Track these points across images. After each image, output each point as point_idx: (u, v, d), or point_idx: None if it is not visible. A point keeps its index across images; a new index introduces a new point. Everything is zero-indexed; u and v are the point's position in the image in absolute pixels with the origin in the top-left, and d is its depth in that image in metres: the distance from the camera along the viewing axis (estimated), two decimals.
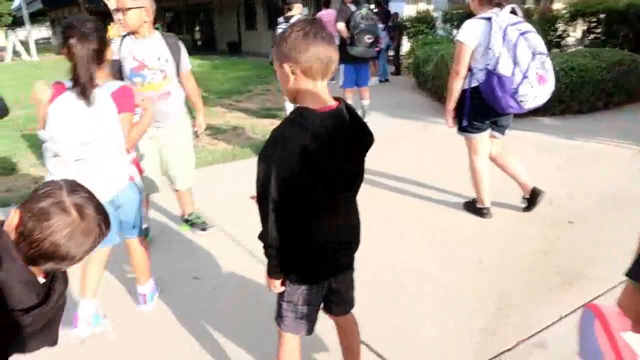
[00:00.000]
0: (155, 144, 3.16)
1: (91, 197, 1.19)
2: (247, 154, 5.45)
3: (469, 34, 3.16)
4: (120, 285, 2.89)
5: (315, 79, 1.45)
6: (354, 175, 1.60)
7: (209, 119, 3.68)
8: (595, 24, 9.38)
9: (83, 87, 2.13)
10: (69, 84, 2.17)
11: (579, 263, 2.91)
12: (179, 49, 3.14)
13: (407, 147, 5.55)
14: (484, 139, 3.46)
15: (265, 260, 1.60)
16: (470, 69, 3.24)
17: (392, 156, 5.14)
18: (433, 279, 2.83)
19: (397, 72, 11.45)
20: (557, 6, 10.63)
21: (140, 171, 2.57)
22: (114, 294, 2.81)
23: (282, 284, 1.65)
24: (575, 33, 9.88)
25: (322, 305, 1.78)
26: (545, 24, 9.58)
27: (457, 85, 3.30)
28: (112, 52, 2.58)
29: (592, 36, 9.45)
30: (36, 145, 6.14)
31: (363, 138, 1.57)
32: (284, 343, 1.75)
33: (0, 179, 4.86)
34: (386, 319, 2.49)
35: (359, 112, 6.95)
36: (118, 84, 2.29)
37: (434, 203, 3.90)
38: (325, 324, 1.92)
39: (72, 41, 2.10)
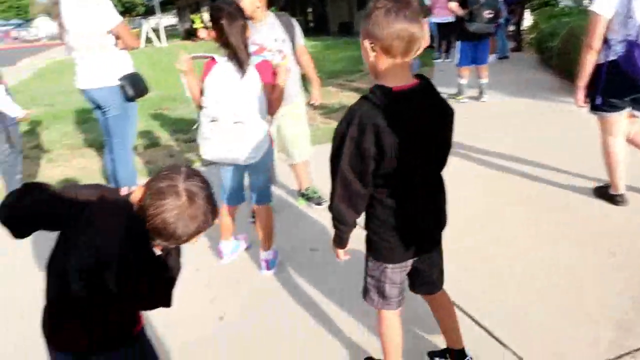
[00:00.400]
0: (273, 122, 3.34)
1: (204, 186, 1.28)
2: None
3: (605, 2, 2.86)
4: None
5: (395, 57, 1.43)
6: (434, 153, 1.58)
7: (322, 99, 3.79)
8: None
9: (240, 60, 2.41)
10: (219, 58, 2.46)
11: None
12: (292, 26, 3.27)
13: (530, 129, 5.21)
14: (620, 118, 3.13)
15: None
16: (606, 41, 2.94)
17: (514, 138, 4.87)
18: (562, 268, 2.67)
19: (518, 49, 10.68)
20: None
21: (272, 142, 2.77)
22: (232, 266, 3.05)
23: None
24: None
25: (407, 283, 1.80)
26: None
27: (590, 60, 3.01)
28: None
29: None
30: (169, 123, 6.78)
31: (443, 116, 1.56)
32: (381, 318, 1.79)
33: (141, 153, 5.46)
34: (508, 306, 2.41)
35: (476, 92, 6.76)
36: (259, 58, 2.54)
37: (562, 189, 3.64)
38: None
39: (224, 21, 2.37)
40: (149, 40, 22.86)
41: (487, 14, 5.86)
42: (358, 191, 1.51)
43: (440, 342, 2.05)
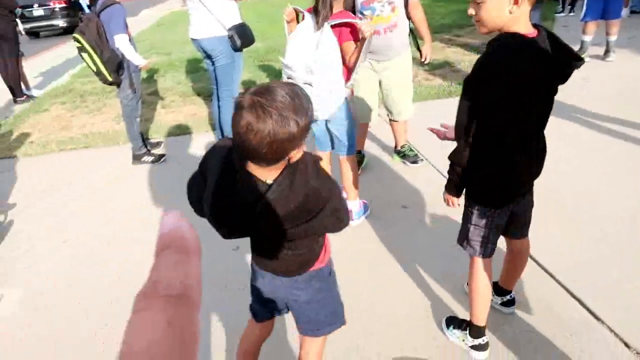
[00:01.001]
0: (375, 75, 3.29)
1: (272, 98, 1.15)
2: None
3: None
4: None
5: (530, 3, 1.45)
6: (551, 102, 1.60)
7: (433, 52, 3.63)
8: None
9: (318, 14, 2.41)
10: (307, 13, 2.46)
11: None
12: None
13: None
14: None
15: None
16: None
17: (635, 106, 4.36)
18: None
19: None
20: None
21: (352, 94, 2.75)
22: None
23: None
24: None
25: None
26: None
27: None
28: None
29: None
30: (274, 74, 6.95)
31: (568, 64, 1.52)
32: (475, 269, 1.83)
33: None
34: (602, 272, 2.25)
35: (601, 50, 6.07)
36: (337, 21, 2.48)
37: None
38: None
39: None
40: None
41: None
42: (492, 140, 1.56)
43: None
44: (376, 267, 2.55)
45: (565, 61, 1.51)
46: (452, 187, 1.76)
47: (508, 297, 2.12)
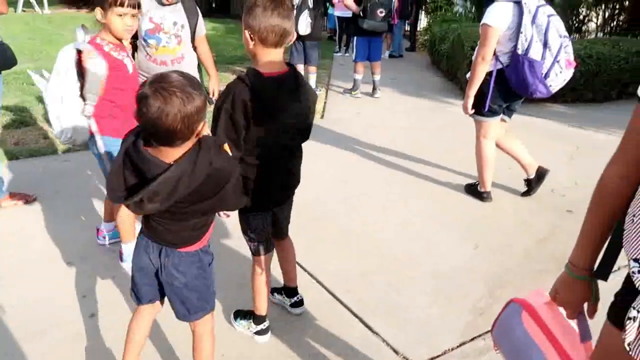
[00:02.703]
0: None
1: (170, 81, 1.33)
2: None
3: (498, 17, 3.07)
4: None
5: (269, 47, 1.72)
6: (296, 129, 1.88)
7: (221, 85, 3.69)
8: (618, 11, 9.15)
9: None
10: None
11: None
12: (196, 13, 3.14)
13: (415, 125, 5.53)
14: (496, 123, 3.42)
15: None
16: (494, 53, 3.16)
17: (399, 134, 5.14)
18: (429, 256, 2.87)
19: (412, 49, 11.27)
20: None
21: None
22: None
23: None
24: (597, 20, 9.65)
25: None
26: (568, 7, 9.36)
27: (481, 70, 3.18)
28: None
29: (614, 23, 9.24)
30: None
31: (305, 100, 1.86)
32: (253, 264, 2.10)
33: (9, 132, 4.91)
34: (380, 294, 2.54)
35: (370, 87, 7.00)
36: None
37: (437, 184, 3.91)
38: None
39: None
40: (28, 4, 20.64)
41: (379, 12, 6.08)
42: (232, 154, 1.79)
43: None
44: None
45: (303, 96, 1.83)
46: None
47: (295, 298, 2.34)
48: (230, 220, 2.02)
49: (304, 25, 5.98)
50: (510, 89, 3.19)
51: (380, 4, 6.03)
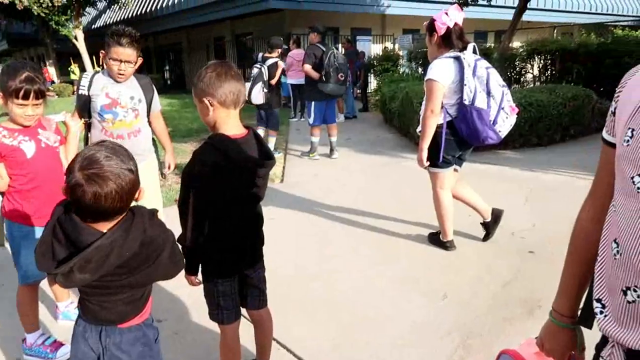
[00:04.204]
0: None
1: (99, 164, 1.32)
2: None
3: (442, 72, 3.23)
4: None
5: (228, 108, 1.79)
6: (257, 189, 1.91)
7: (177, 158, 3.68)
8: (550, 62, 9.86)
9: None
10: None
11: (539, 293, 2.95)
12: (152, 90, 3.18)
13: (372, 182, 5.62)
14: (451, 173, 3.52)
15: None
16: (441, 106, 3.31)
17: (357, 194, 5.20)
18: (400, 313, 2.82)
19: (365, 109, 11.70)
20: (515, 44, 11.16)
21: None
22: None
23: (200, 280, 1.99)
24: (533, 70, 10.35)
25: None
26: (505, 61, 10.02)
27: (432, 123, 3.29)
28: (80, 87, 2.90)
29: (548, 73, 9.93)
30: None
31: (266, 160, 1.87)
32: (221, 334, 2.04)
33: None
34: (352, 351, 2.46)
35: (327, 149, 7.16)
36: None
37: (400, 239, 3.93)
38: None
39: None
40: None
41: (340, 76, 6.35)
42: (205, 220, 1.81)
43: None
44: None
45: (264, 156, 1.86)
46: (189, 267, 1.93)
47: None
48: (189, 295, 1.95)
49: (260, 96, 6.36)
50: (462, 139, 3.32)
51: (340, 69, 6.31)
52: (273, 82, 6.55)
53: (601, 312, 0.92)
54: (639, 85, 0.91)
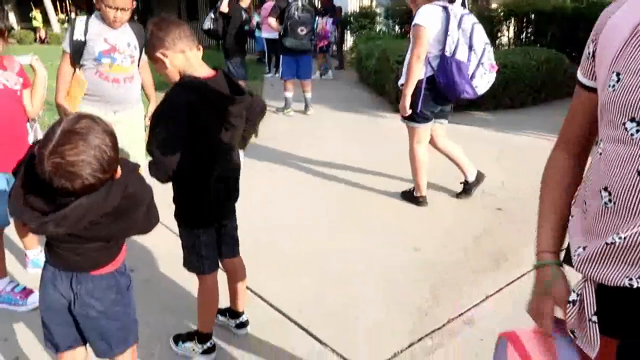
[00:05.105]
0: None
1: (68, 154, 1.22)
2: None
3: (428, 17, 3.21)
4: None
5: (184, 51, 1.76)
6: (234, 130, 1.87)
7: None
8: (526, 24, 9.86)
9: None
10: None
11: (505, 247, 3.06)
12: (144, 37, 3.07)
13: (348, 139, 5.61)
14: (428, 128, 3.54)
15: None
16: (425, 58, 3.27)
17: (332, 149, 5.19)
18: (372, 265, 2.88)
19: (341, 67, 11.52)
20: (493, 6, 11.08)
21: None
22: None
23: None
24: (509, 32, 10.34)
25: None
26: (482, 22, 9.96)
27: (418, 69, 3.26)
28: (75, 32, 2.80)
29: (523, 35, 9.94)
30: None
31: (240, 99, 1.82)
32: (200, 283, 2.05)
33: None
34: (325, 303, 2.51)
35: (302, 106, 7.06)
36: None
37: (374, 193, 3.97)
38: None
39: None
40: None
41: (300, 30, 6.16)
42: (181, 163, 1.74)
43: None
44: None
45: (236, 94, 1.82)
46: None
47: (241, 319, 2.28)
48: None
49: (207, 22, 6.32)
50: (439, 93, 3.32)
51: (301, 22, 6.11)
52: (221, 8, 6.26)
53: (578, 256, 0.93)
54: (619, 25, 0.87)
